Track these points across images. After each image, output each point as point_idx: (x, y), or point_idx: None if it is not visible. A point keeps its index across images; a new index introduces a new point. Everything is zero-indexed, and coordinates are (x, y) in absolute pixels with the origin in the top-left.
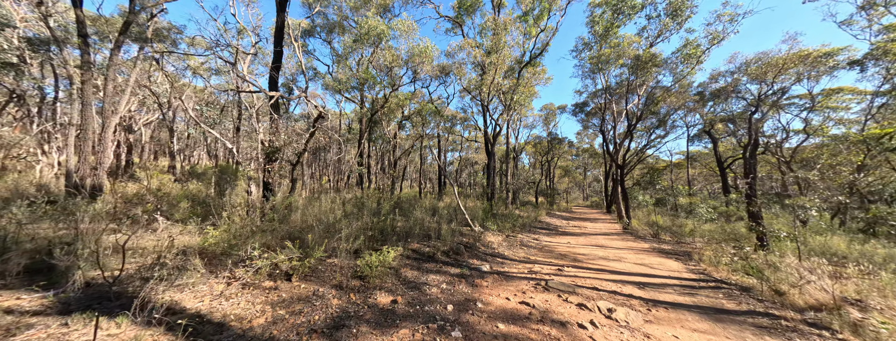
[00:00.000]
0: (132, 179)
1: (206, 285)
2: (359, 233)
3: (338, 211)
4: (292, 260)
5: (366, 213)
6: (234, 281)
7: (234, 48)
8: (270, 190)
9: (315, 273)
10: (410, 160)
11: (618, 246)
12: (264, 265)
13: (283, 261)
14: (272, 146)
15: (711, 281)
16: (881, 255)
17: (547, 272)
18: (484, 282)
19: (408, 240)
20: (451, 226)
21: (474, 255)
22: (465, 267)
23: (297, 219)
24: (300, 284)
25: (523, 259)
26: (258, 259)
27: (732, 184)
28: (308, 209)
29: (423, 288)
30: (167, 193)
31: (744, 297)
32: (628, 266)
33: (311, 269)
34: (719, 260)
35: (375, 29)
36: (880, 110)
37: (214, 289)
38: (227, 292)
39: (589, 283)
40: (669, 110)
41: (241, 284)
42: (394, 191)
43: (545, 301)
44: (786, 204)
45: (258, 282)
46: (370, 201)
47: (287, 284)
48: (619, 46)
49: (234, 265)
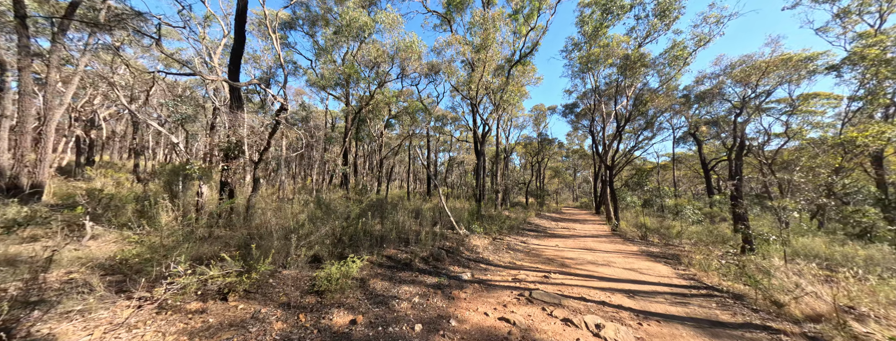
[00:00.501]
0: (83, 179)
1: (108, 310)
2: (324, 239)
3: (301, 215)
4: (230, 274)
5: (335, 217)
6: (149, 304)
7: (201, 36)
8: (230, 191)
9: (261, 289)
10: (400, 160)
11: (606, 249)
12: (190, 282)
13: (217, 277)
14: (230, 142)
15: (703, 287)
16: (862, 256)
17: (532, 279)
18: (462, 294)
19: (383, 246)
20: (433, 230)
21: (456, 261)
22: (444, 276)
23: (256, 224)
24: (238, 304)
25: (508, 264)
26: (183, 275)
27: (715, 185)
28: (270, 212)
29: (391, 304)
30: (113, 195)
31: (738, 306)
32: (617, 271)
33: (256, 285)
34: (710, 264)
35: (357, 20)
36: (856, 114)
37: (118, 316)
38: (133, 319)
39: (576, 292)
40: (657, 112)
41: (156, 307)
42: (379, 192)
43: (528, 315)
44: (767, 205)
45: (181, 304)
46: (344, 203)
47: (220, 305)
48: (608, 46)
49: (155, 282)
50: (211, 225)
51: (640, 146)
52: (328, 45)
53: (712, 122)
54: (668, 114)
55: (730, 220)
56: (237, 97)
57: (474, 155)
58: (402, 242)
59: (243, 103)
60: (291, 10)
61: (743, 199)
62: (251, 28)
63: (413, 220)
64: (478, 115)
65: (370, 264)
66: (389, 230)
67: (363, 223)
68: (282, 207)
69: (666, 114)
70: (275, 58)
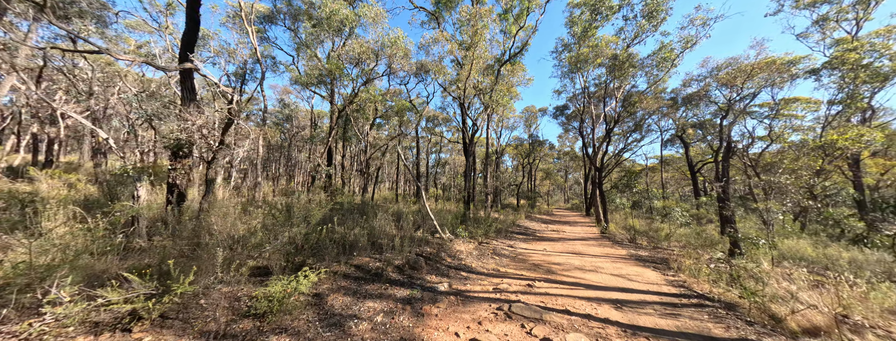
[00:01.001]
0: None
1: None
2: (282, 248)
3: (254, 221)
4: (137, 298)
5: (293, 223)
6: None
7: (164, 26)
8: (179, 194)
9: (183, 314)
10: (390, 161)
11: (595, 253)
12: (76, 311)
13: (117, 303)
14: (178, 139)
15: (693, 296)
16: (845, 258)
17: (515, 289)
18: (434, 309)
19: (353, 254)
20: (414, 235)
21: (435, 269)
22: (418, 288)
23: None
24: (144, 336)
25: (492, 271)
26: (65, 302)
27: (701, 187)
28: (221, 218)
29: (347, 325)
30: (50, 196)
31: (731, 318)
32: (605, 278)
33: (176, 309)
34: (700, 270)
35: (337, 13)
36: (836, 117)
37: None
38: None
39: (560, 304)
40: (645, 114)
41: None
42: (365, 194)
43: (504, 335)
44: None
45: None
46: (316, 206)
47: (120, 338)
48: (597, 47)
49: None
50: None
51: (629, 148)
52: (308, 40)
53: (698, 125)
54: (656, 117)
55: (716, 222)
56: (189, 88)
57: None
58: (376, 249)
59: (196, 95)
60: (271, 3)
61: (730, 201)
62: (225, 20)
63: (394, 224)
64: (467, 117)
65: (333, 276)
66: (361, 236)
67: (328, 229)
68: (240, 212)
69: (654, 117)
70: (251, 52)
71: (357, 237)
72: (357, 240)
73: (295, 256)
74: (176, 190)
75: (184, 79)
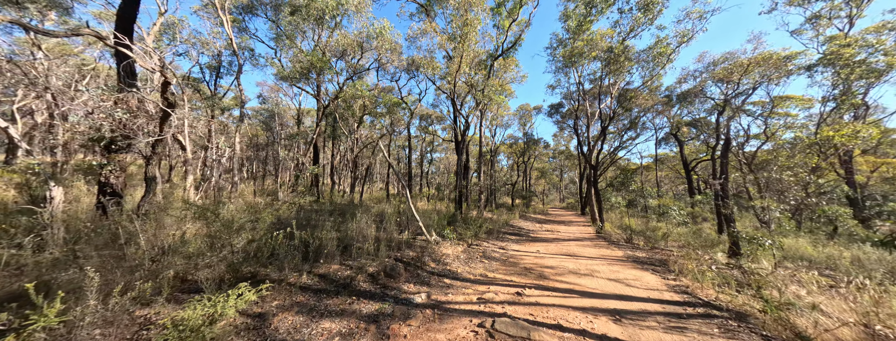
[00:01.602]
0: None
1: None
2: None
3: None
4: None
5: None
6: None
7: None
8: (116, 194)
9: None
10: (382, 160)
11: (590, 254)
12: None
13: None
14: (103, 129)
15: (699, 303)
16: (847, 258)
17: (502, 299)
18: (404, 329)
19: (318, 262)
20: (399, 237)
21: (415, 277)
22: (391, 300)
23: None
24: None
25: (479, 277)
26: None
27: (695, 185)
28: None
29: None
30: None
31: (745, 333)
32: (601, 283)
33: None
34: (703, 273)
35: (317, 0)
36: (830, 114)
37: None
38: None
39: (552, 316)
40: (640, 111)
41: None
42: (354, 193)
43: None
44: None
45: None
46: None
47: None
48: (592, 40)
49: None
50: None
51: (624, 146)
52: (288, 30)
53: (693, 124)
54: (651, 114)
55: (711, 221)
56: (129, 71)
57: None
58: (349, 255)
59: (136, 79)
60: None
61: (729, 199)
62: (198, 8)
63: (375, 226)
64: (459, 114)
65: (289, 289)
66: (329, 240)
67: (285, 233)
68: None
69: (649, 114)
70: (226, 42)
71: (324, 241)
72: (324, 244)
73: (242, 266)
74: (109, 189)
75: (120, 59)
